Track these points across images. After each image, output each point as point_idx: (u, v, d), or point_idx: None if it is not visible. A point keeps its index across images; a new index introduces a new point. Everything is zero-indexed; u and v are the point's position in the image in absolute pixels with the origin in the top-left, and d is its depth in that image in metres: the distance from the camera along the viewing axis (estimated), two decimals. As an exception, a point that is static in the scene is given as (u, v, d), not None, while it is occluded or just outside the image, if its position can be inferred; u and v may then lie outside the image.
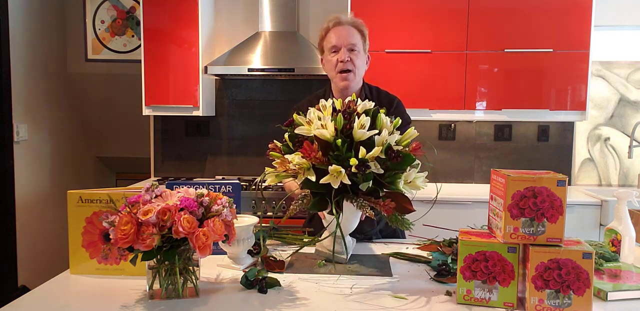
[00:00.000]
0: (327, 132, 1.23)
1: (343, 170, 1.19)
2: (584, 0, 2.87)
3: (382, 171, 1.22)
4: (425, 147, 1.34)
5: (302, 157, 1.24)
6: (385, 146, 1.23)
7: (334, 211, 1.24)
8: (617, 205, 1.44)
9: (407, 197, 1.29)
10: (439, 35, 2.96)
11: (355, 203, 1.26)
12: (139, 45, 3.57)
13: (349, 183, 1.20)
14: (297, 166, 1.24)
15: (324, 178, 1.21)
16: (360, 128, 1.24)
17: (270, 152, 1.33)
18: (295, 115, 1.33)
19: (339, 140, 1.23)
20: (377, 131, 1.25)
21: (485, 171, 3.34)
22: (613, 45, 3.26)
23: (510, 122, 3.29)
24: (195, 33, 3.05)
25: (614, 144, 3.30)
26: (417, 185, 1.28)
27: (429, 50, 2.97)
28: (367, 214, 1.25)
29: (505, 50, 2.93)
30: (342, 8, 3.18)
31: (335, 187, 1.20)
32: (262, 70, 2.97)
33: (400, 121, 1.34)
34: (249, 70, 2.97)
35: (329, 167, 1.20)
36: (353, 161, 1.20)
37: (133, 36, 3.74)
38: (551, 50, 2.91)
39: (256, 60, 3.01)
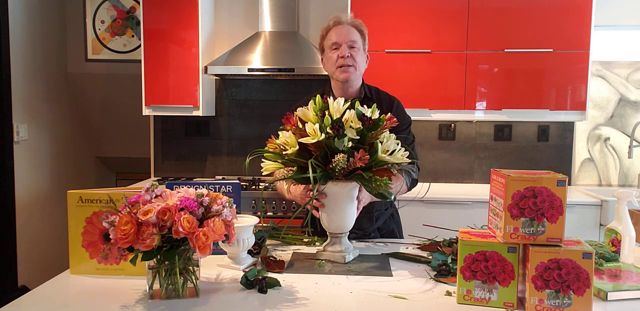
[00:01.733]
0: (310, 112, 1.36)
1: (317, 126, 1.30)
2: (584, 0, 2.87)
3: (357, 136, 1.32)
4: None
5: (289, 132, 1.36)
6: (357, 112, 1.33)
7: (311, 176, 1.29)
8: (617, 205, 1.44)
9: (389, 170, 1.35)
10: (439, 35, 2.96)
11: (334, 161, 1.30)
12: (139, 45, 3.57)
13: (323, 137, 1.29)
14: (283, 141, 1.35)
15: (304, 138, 1.31)
16: (338, 109, 1.35)
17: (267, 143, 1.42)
18: (300, 109, 1.40)
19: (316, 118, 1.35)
20: (345, 106, 1.36)
21: (485, 171, 3.34)
22: (613, 45, 3.26)
23: (510, 122, 3.29)
24: (195, 33, 3.05)
25: (614, 144, 3.30)
26: (397, 157, 1.34)
27: (429, 50, 2.97)
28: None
29: (505, 50, 2.93)
30: (342, 8, 3.18)
31: (313, 141, 1.29)
32: (262, 70, 2.97)
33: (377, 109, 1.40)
34: (249, 70, 2.97)
35: (306, 125, 1.32)
36: (327, 119, 1.31)
37: (133, 36, 3.74)
38: (551, 50, 2.91)
39: (256, 60, 3.01)
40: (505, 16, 2.92)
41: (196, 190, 1.15)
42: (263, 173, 1.45)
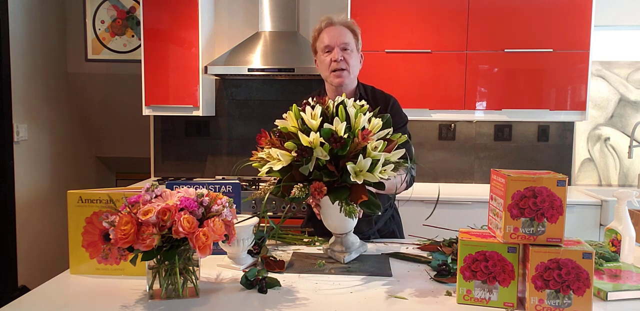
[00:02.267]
0: (288, 122, 1.32)
1: (281, 152, 1.26)
2: (584, 0, 2.87)
3: (327, 157, 1.24)
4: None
5: (268, 147, 1.33)
6: (327, 133, 1.24)
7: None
8: (617, 205, 1.44)
9: (365, 188, 1.27)
10: (439, 35, 2.96)
11: (293, 190, 1.25)
12: (139, 45, 3.58)
13: (286, 163, 1.25)
14: (267, 155, 1.32)
15: (270, 163, 1.28)
16: (312, 118, 1.28)
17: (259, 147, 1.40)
18: (278, 121, 1.36)
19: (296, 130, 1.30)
20: (320, 120, 1.28)
21: (485, 171, 3.34)
22: (613, 45, 3.26)
23: (510, 122, 3.29)
24: (195, 33, 3.05)
25: (614, 144, 3.30)
26: (374, 176, 1.23)
27: (429, 50, 2.97)
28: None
29: (505, 50, 2.93)
30: (342, 8, 3.18)
31: (276, 168, 1.26)
32: (262, 70, 2.97)
33: (367, 108, 1.34)
34: (249, 70, 2.97)
35: (276, 150, 1.28)
36: (290, 144, 1.26)
37: (133, 36, 3.74)
38: (551, 50, 2.91)
39: (256, 60, 3.01)
40: (505, 16, 2.92)
41: (196, 190, 1.15)
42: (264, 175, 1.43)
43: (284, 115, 1.34)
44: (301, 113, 1.30)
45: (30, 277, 3.17)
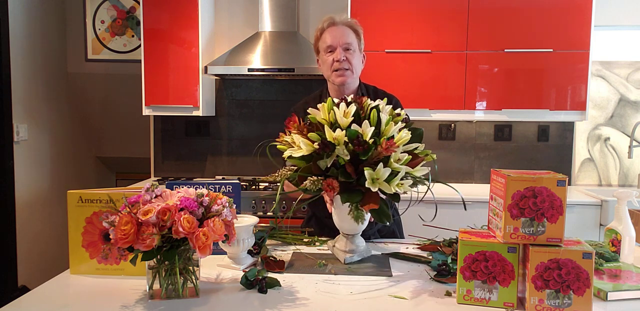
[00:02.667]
0: (320, 113, 1.29)
1: (304, 141, 1.25)
2: (584, 0, 2.87)
3: (348, 156, 1.23)
4: (424, 148, 1.34)
5: (296, 132, 1.31)
6: (352, 134, 1.23)
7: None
8: (617, 205, 1.44)
9: (378, 196, 1.26)
10: (439, 35, 2.96)
11: (307, 181, 1.25)
12: (139, 45, 3.58)
13: (306, 153, 1.24)
14: (292, 140, 1.31)
15: (292, 149, 1.28)
16: (344, 115, 1.26)
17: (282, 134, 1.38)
18: (310, 109, 1.35)
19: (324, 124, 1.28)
20: (351, 119, 1.27)
21: (485, 171, 3.34)
22: (613, 45, 3.26)
23: (510, 122, 3.29)
24: (195, 33, 3.05)
25: (614, 144, 3.30)
26: (389, 187, 1.22)
27: (429, 50, 2.97)
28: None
29: (505, 50, 2.93)
30: (342, 8, 3.18)
31: (297, 155, 1.25)
32: (262, 70, 2.97)
33: (402, 118, 1.33)
34: (249, 70, 2.97)
35: (300, 138, 1.27)
36: (313, 135, 1.25)
37: (133, 36, 3.74)
38: (551, 50, 2.91)
39: (256, 60, 3.01)
40: (505, 16, 2.92)
41: (196, 190, 1.15)
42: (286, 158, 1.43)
43: (319, 105, 1.33)
44: (334, 108, 1.29)
45: (30, 277, 3.17)
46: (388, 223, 1.28)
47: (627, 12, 3.21)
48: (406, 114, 1.82)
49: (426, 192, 1.33)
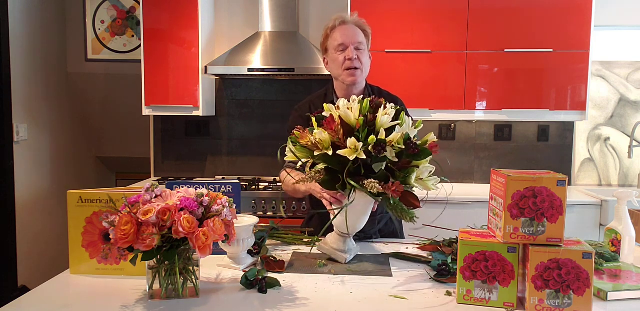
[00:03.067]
0: (352, 114, 1.29)
1: (360, 144, 1.24)
2: (584, 0, 2.87)
3: (396, 159, 1.27)
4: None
5: (325, 131, 1.28)
6: (405, 136, 1.27)
7: (350, 182, 1.26)
8: (617, 205, 1.44)
9: (415, 194, 1.33)
10: (439, 35, 2.96)
11: (365, 182, 1.26)
12: (139, 45, 3.58)
13: (364, 157, 1.23)
14: (317, 140, 1.28)
15: (342, 151, 1.25)
16: (384, 115, 1.29)
17: (294, 131, 1.36)
18: (325, 105, 1.35)
19: (361, 124, 1.28)
20: (399, 121, 1.30)
21: (485, 171, 3.34)
22: (613, 45, 3.26)
23: (510, 122, 3.29)
24: (195, 33, 3.05)
25: (614, 144, 3.30)
26: (427, 185, 1.32)
27: (429, 50, 2.97)
28: (375, 200, 1.31)
29: (505, 50, 2.93)
30: (342, 8, 3.18)
31: (351, 158, 1.24)
32: (262, 70, 2.97)
33: (422, 124, 1.37)
34: (249, 70, 2.97)
35: (348, 139, 1.25)
36: (372, 138, 1.24)
37: (133, 36, 3.74)
38: (551, 50, 2.91)
39: (256, 60, 3.01)
40: (505, 16, 2.92)
41: (196, 190, 1.15)
42: (287, 160, 1.43)
43: (342, 104, 1.33)
44: (375, 109, 1.31)
45: (30, 277, 3.17)
46: (414, 222, 1.35)
47: (627, 12, 3.21)
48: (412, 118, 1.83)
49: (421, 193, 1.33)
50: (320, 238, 1.68)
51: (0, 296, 2.87)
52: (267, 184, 3.07)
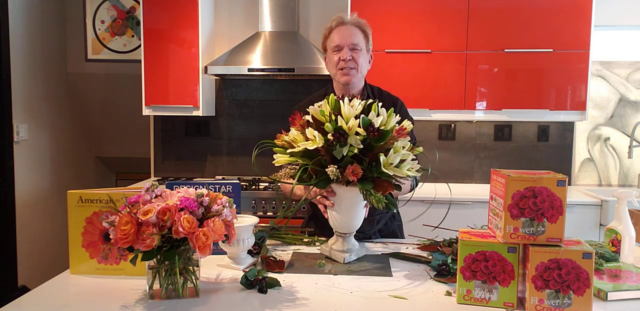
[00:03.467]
0: (319, 109, 1.33)
1: (317, 133, 1.28)
2: (584, 0, 2.87)
3: (360, 145, 1.28)
4: (426, 147, 1.35)
5: (296, 129, 1.35)
6: (365, 122, 1.28)
7: (312, 166, 1.28)
8: (617, 205, 1.44)
9: (390, 181, 1.31)
10: (439, 35, 2.96)
11: (329, 170, 1.28)
12: (139, 45, 3.58)
13: (320, 145, 1.27)
14: (291, 138, 1.34)
15: (304, 142, 1.30)
16: (335, 107, 1.31)
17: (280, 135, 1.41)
18: (311, 107, 1.37)
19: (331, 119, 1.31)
20: (359, 110, 1.31)
21: (485, 171, 3.34)
22: (613, 45, 3.26)
23: (510, 122, 3.29)
24: (195, 33, 3.05)
25: (614, 144, 3.30)
26: (402, 172, 1.28)
27: (429, 50, 2.97)
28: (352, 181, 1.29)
29: (505, 50, 2.93)
30: (342, 8, 3.18)
31: (311, 147, 1.28)
32: (262, 70, 2.97)
33: (409, 122, 1.36)
34: (249, 70, 2.97)
35: (306, 130, 1.30)
36: (327, 126, 1.28)
37: (133, 36, 3.74)
38: (551, 50, 2.91)
39: (256, 60, 3.01)
40: (505, 16, 2.92)
41: (196, 190, 1.15)
42: (275, 165, 1.44)
43: (317, 104, 1.36)
44: (340, 102, 1.33)
45: (30, 277, 3.17)
46: (395, 210, 1.32)
47: (627, 12, 3.21)
48: (412, 119, 1.83)
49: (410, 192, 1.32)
50: (320, 239, 1.68)
51: (0, 296, 2.87)
52: (267, 184, 3.07)
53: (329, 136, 1.28)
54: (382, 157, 1.26)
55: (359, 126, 1.27)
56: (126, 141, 3.93)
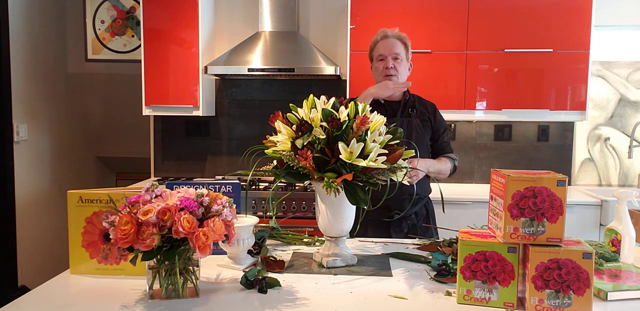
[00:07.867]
0: (301, 111, 1.36)
1: (285, 126, 1.33)
2: (584, 0, 2.87)
3: (323, 135, 1.29)
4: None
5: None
6: (325, 114, 1.30)
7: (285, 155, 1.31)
8: (617, 205, 1.44)
9: (352, 175, 1.30)
10: (439, 35, 2.96)
11: (287, 155, 1.32)
12: (139, 45, 3.58)
13: (287, 137, 1.33)
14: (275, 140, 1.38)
15: (278, 137, 1.35)
16: (312, 106, 1.34)
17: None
18: (291, 105, 1.44)
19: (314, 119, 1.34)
20: (329, 105, 1.34)
21: (485, 171, 3.34)
22: (613, 45, 3.26)
23: (510, 122, 3.29)
24: (195, 33, 3.05)
25: (614, 144, 3.30)
26: (361, 161, 1.24)
27: (429, 50, 2.97)
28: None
29: (505, 50, 2.93)
30: (342, 8, 3.18)
31: (281, 141, 1.33)
32: (262, 70, 2.97)
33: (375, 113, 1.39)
34: (249, 70, 2.97)
35: (281, 127, 1.35)
36: (290, 116, 1.34)
37: (133, 36, 3.74)
38: (551, 50, 2.91)
39: (256, 60, 3.01)
40: (505, 16, 2.92)
41: (196, 190, 1.15)
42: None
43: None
44: (315, 98, 1.37)
45: (30, 277, 3.17)
46: (366, 207, 1.29)
47: (627, 12, 3.21)
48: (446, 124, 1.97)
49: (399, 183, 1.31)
50: (320, 239, 1.68)
51: (0, 296, 2.87)
52: (267, 184, 3.07)
53: (293, 127, 1.32)
54: (340, 144, 1.25)
55: (322, 120, 1.30)
56: (126, 141, 3.93)
